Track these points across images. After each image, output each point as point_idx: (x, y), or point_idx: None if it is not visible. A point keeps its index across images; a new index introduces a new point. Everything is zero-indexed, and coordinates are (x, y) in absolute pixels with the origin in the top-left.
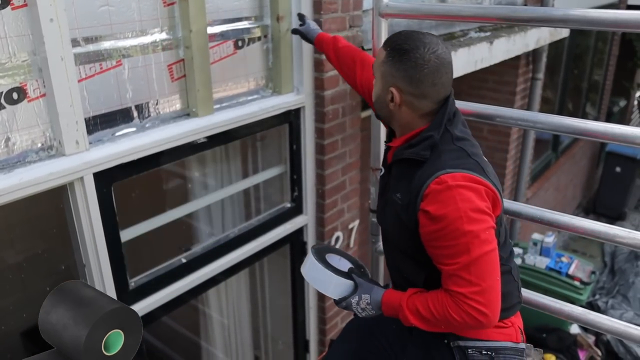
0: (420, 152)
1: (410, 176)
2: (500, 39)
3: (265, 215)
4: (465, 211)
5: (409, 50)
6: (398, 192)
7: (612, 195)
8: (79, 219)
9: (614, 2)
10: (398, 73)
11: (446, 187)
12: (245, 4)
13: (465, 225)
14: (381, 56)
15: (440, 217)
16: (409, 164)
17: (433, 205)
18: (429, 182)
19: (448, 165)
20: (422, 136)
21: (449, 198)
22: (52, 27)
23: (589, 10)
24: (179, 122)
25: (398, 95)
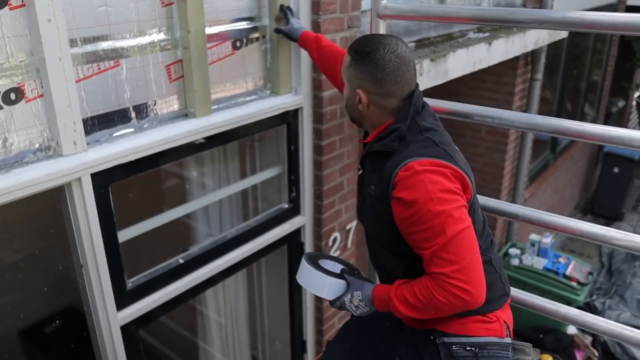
0: (388, 143)
1: (381, 167)
2: (499, 39)
3: (263, 215)
4: (434, 192)
5: (370, 52)
6: (372, 185)
7: (610, 195)
8: (77, 220)
9: (612, 2)
10: (362, 75)
11: (414, 173)
12: (244, 5)
13: (437, 206)
14: (346, 61)
15: (412, 202)
16: (379, 156)
17: (403, 191)
18: (398, 169)
19: (415, 154)
20: (390, 129)
21: (418, 182)
22: (50, 27)
23: (587, 12)
24: (177, 123)
25: (365, 96)
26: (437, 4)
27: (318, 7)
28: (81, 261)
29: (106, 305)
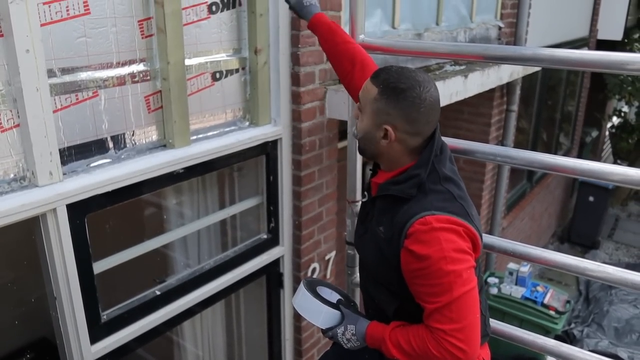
0: (406, 190)
1: (394, 211)
2: (475, 72)
3: (241, 246)
4: (448, 251)
5: (406, 89)
6: (381, 226)
7: (586, 224)
8: (51, 251)
9: (584, 36)
10: (395, 112)
11: (430, 229)
12: (224, 37)
13: (449, 265)
14: (373, 93)
15: (424, 257)
16: (394, 199)
17: (417, 244)
18: (414, 221)
19: (434, 207)
20: (409, 174)
21: (433, 239)
22: (28, 57)
23: (557, 50)
24: (155, 154)
25: (393, 133)
26: (414, 37)
27: (297, 40)
28: (55, 293)
29: (79, 339)
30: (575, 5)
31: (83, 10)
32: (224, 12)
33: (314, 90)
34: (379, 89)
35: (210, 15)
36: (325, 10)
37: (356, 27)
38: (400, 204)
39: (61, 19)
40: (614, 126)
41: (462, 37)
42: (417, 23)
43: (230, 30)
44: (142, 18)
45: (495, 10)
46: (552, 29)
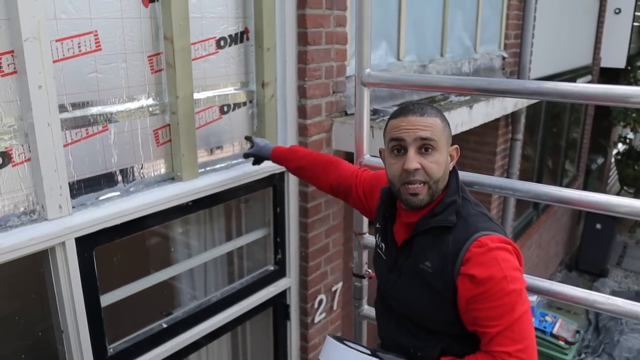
0: (447, 217)
1: (440, 243)
2: (480, 103)
3: (248, 278)
4: (508, 270)
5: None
6: (427, 261)
7: (594, 251)
8: (59, 284)
9: (588, 64)
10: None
11: (487, 250)
12: (232, 71)
13: (510, 284)
14: (440, 123)
15: (486, 279)
16: (436, 231)
17: (476, 268)
18: (468, 245)
19: (481, 228)
20: (445, 202)
21: (491, 260)
22: (40, 93)
23: (561, 83)
24: (163, 186)
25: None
26: (419, 68)
27: (304, 74)
28: (62, 326)
29: None
30: (577, 34)
31: (95, 47)
32: (232, 47)
33: (321, 123)
34: (440, 117)
35: (219, 50)
36: (331, 44)
37: (362, 61)
38: (443, 234)
39: (73, 55)
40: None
41: (467, 68)
42: (422, 54)
43: (238, 64)
44: (152, 53)
45: (498, 41)
46: (556, 57)
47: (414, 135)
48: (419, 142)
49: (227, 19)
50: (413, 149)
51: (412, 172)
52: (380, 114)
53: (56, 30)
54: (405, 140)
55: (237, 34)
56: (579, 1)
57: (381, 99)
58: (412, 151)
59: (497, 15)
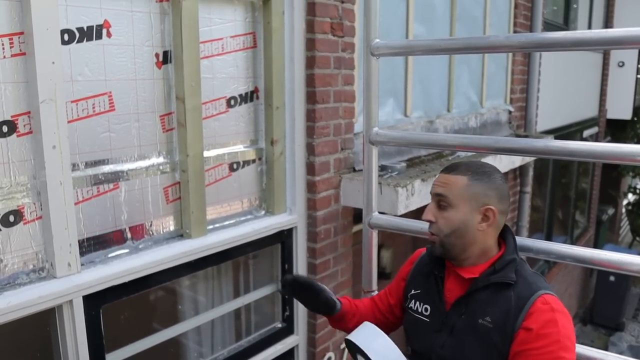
0: (508, 274)
1: (500, 299)
2: (487, 157)
3: (255, 335)
4: (565, 337)
5: (491, 172)
6: (487, 316)
7: (609, 304)
8: (65, 343)
9: (594, 116)
10: (491, 192)
11: (550, 309)
12: (241, 129)
13: (561, 351)
14: (462, 182)
15: (543, 336)
16: (495, 288)
17: (537, 323)
18: (533, 300)
19: (543, 287)
20: (505, 259)
21: (552, 320)
22: (54, 153)
23: (568, 142)
24: (172, 244)
25: (493, 214)
26: (426, 124)
27: (312, 131)
28: None
29: None
30: (583, 87)
31: (108, 107)
32: (241, 106)
33: (329, 179)
34: (468, 177)
35: (229, 109)
36: (339, 103)
37: (370, 120)
38: (504, 291)
39: (87, 115)
40: (630, 203)
41: (474, 123)
42: (429, 110)
43: (247, 122)
44: (163, 113)
45: (504, 95)
46: (562, 110)
47: (434, 191)
48: (435, 197)
49: (237, 79)
50: (432, 202)
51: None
52: (388, 170)
53: (72, 92)
54: (430, 193)
55: (247, 93)
56: (582, 55)
57: (389, 155)
58: (431, 204)
59: (502, 70)
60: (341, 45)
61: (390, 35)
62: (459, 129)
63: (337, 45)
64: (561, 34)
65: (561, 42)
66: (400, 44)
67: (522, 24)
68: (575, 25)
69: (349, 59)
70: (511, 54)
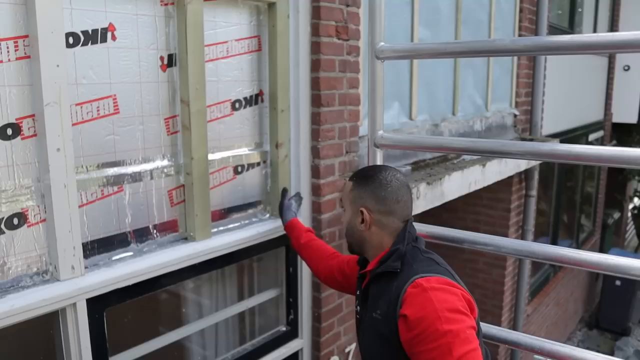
0: (391, 264)
1: (387, 290)
2: (493, 161)
3: (259, 339)
4: (442, 311)
5: (373, 175)
6: (378, 309)
7: (615, 309)
8: (68, 346)
9: (599, 119)
10: (365, 194)
11: (421, 290)
12: (246, 132)
13: (444, 325)
14: (348, 187)
15: (419, 320)
16: (384, 279)
17: (410, 308)
18: (405, 287)
19: (421, 271)
20: (390, 250)
21: (426, 300)
22: (58, 156)
23: (574, 146)
24: (176, 247)
25: (368, 214)
26: (431, 127)
27: (317, 134)
28: None
29: None
30: (588, 90)
31: (113, 110)
32: (246, 109)
33: (334, 182)
34: (353, 182)
35: (234, 112)
36: (344, 106)
37: (375, 124)
38: (390, 281)
39: (92, 118)
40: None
41: (479, 126)
42: (434, 114)
43: (252, 125)
44: (168, 116)
45: (510, 99)
46: (567, 114)
47: None
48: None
49: (242, 82)
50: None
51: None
52: None
53: (76, 95)
54: None
55: (252, 96)
56: (588, 59)
57: (394, 158)
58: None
59: (507, 74)
60: (346, 48)
61: (395, 38)
62: (464, 133)
63: (342, 49)
64: (567, 38)
65: (567, 46)
66: (406, 48)
67: (527, 28)
68: (580, 29)
69: (354, 62)
70: (516, 58)
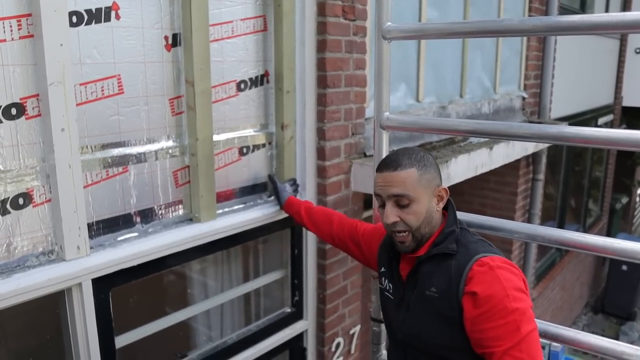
0: (448, 245)
1: (443, 269)
2: (500, 144)
3: (264, 320)
4: (509, 289)
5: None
6: (432, 287)
7: (621, 293)
8: (74, 325)
9: (609, 103)
10: (434, 173)
11: (489, 268)
12: (251, 113)
13: (512, 302)
14: (414, 174)
15: (488, 297)
16: (438, 260)
17: (479, 286)
18: (470, 265)
19: (482, 251)
20: (445, 232)
21: (493, 278)
22: (62, 136)
23: (583, 128)
24: (182, 228)
25: (444, 192)
26: (438, 109)
27: (323, 116)
28: None
29: None
30: (598, 73)
31: (117, 90)
32: (252, 90)
33: (340, 164)
34: (416, 167)
35: (239, 93)
36: (350, 87)
37: (381, 105)
38: (445, 261)
39: (96, 98)
40: None
41: (486, 109)
42: (441, 96)
43: (257, 106)
44: (173, 96)
45: (518, 81)
46: (576, 97)
47: (388, 192)
48: (392, 198)
49: (247, 63)
50: (389, 203)
51: (392, 224)
52: None
53: (80, 75)
54: (382, 196)
55: (257, 77)
56: (599, 41)
57: (400, 140)
58: (388, 206)
59: (516, 56)
60: (353, 28)
61: (402, 18)
62: (472, 115)
63: (348, 29)
64: (578, 17)
65: (578, 26)
66: (413, 28)
67: (537, 9)
68: (592, 10)
69: (360, 42)
70: (526, 39)
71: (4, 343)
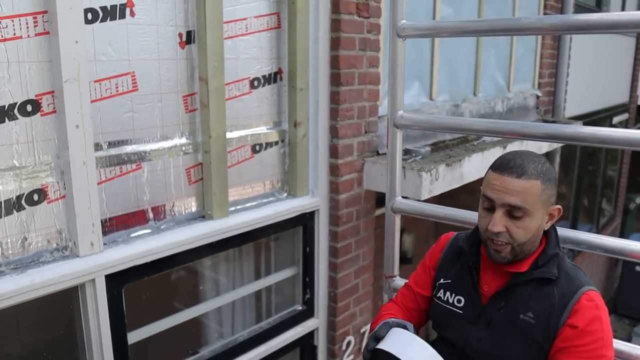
0: (551, 269)
1: (544, 294)
2: (513, 143)
3: (275, 317)
4: (607, 335)
5: (549, 166)
6: (530, 312)
7: (634, 294)
8: (87, 320)
9: (624, 102)
10: (555, 190)
11: (595, 306)
12: (264, 110)
13: (604, 349)
14: (537, 188)
15: (588, 333)
16: (537, 283)
17: (582, 321)
18: (578, 297)
19: (585, 281)
20: (548, 254)
21: (597, 318)
22: (77, 132)
23: (599, 128)
24: (194, 225)
25: (559, 211)
26: (452, 108)
27: (336, 114)
28: None
29: None
30: (613, 72)
31: (131, 87)
32: (265, 87)
33: (352, 162)
34: (540, 180)
35: (252, 90)
36: (364, 85)
37: (394, 103)
38: (545, 286)
39: (110, 95)
40: None
41: (500, 107)
42: (454, 94)
43: (270, 104)
44: (186, 94)
45: (532, 80)
46: (591, 96)
47: (503, 200)
48: (506, 206)
49: (261, 60)
50: (501, 211)
51: (496, 233)
52: (412, 154)
53: (95, 72)
54: (495, 201)
55: (270, 74)
56: (614, 39)
57: (413, 139)
58: (499, 213)
59: (531, 54)
60: (367, 26)
61: (417, 17)
62: (485, 114)
63: (362, 27)
64: (596, 16)
65: (596, 24)
66: (427, 25)
67: (552, 6)
68: (608, 8)
69: (374, 40)
70: (541, 37)
71: (19, 337)
